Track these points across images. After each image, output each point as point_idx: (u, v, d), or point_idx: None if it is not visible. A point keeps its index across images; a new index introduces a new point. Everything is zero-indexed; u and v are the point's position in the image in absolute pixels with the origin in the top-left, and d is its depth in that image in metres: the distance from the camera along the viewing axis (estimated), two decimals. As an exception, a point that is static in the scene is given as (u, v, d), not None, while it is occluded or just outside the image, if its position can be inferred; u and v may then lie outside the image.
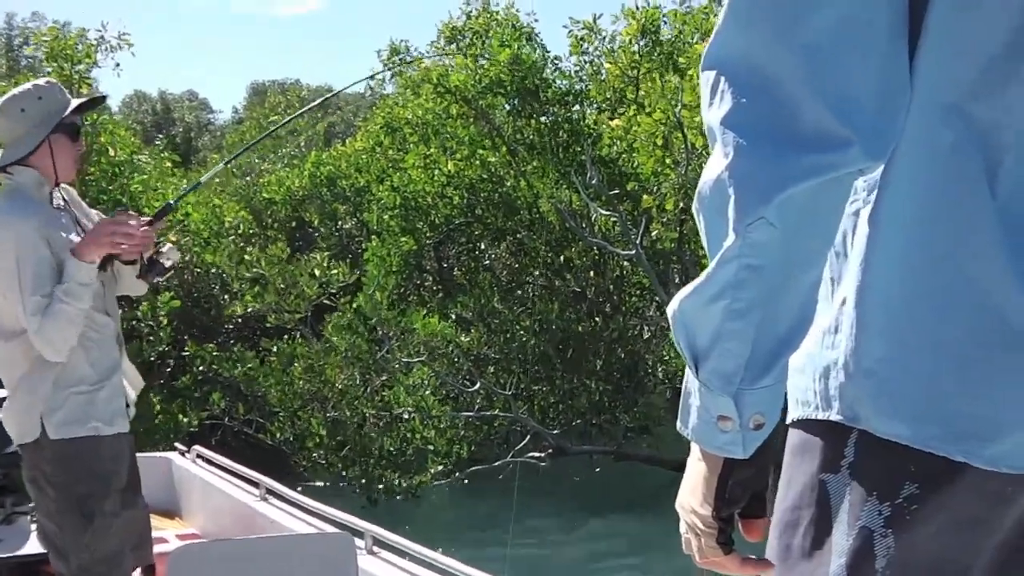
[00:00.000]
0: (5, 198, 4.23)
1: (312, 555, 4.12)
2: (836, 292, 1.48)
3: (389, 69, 21.28)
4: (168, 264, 4.38)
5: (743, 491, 1.57)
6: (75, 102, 4.34)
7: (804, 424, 1.53)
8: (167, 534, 6.34)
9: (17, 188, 4.23)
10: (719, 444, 1.50)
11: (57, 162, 4.27)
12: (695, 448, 1.56)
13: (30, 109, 4.23)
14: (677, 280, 18.83)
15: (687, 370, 1.50)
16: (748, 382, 1.43)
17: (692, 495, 1.59)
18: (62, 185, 4.37)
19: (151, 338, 17.66)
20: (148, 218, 4.37)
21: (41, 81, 4.38)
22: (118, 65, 19.22)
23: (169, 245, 4.39)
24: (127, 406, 4.37)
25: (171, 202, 4.62)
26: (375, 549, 5.09)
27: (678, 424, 1.54)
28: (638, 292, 20.04)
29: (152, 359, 17.85)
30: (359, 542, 4.98)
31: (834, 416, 1.47)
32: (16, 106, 4.23)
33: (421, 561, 4.77)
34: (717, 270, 1.38)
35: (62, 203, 4.34)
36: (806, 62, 1.34)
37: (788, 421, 1.57)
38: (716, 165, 1.37)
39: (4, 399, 4.30)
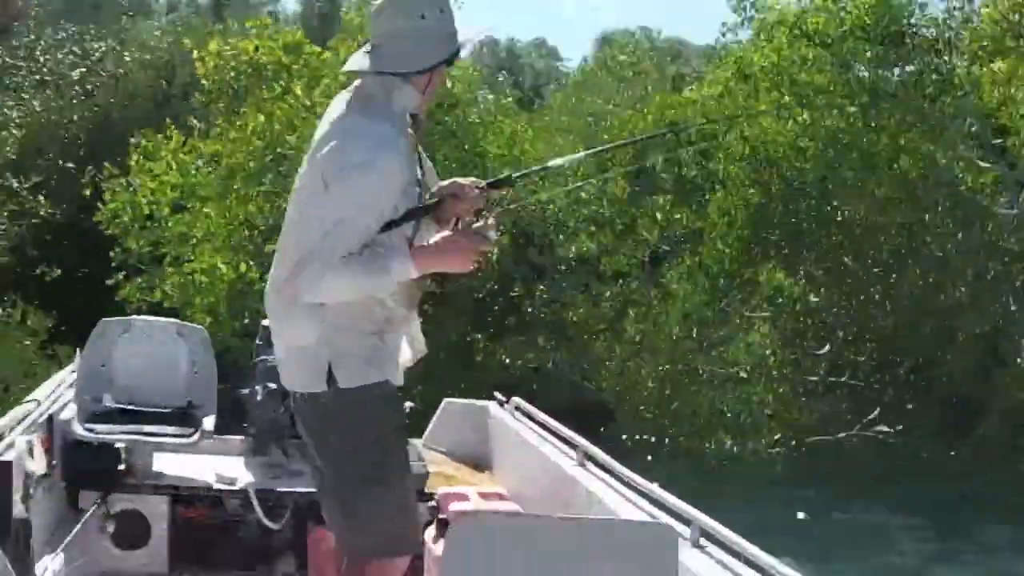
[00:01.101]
0: (377, 120, 3.64)
1: (622, 546, 3.30)
2: None
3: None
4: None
5: None
6: (474, 29, 3.88)
7: None
8: (469, 490, 6.10)
9: (392, 111, 3.67)
10: None
11: (428, 91, 3.75)
12: None
13: (431, 18, 3.70)
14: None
15: None
16: None
17: None
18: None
19: (479, 274, 17.52)
20: (483, 183, 3.88)
21: None
22: (459, -3, 19.24)
23: (492, 220, 3.81)
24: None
25: (514, 175, 4.13)
26: (702, 542, 4.50)
27: None
28: (1010, 258, 18.50)
29: (480, 296, 17.71)
30: (684, 530, 4.43)
31: None
32: (416, 8, 3.69)
33: (755, 564, 4.11)
34: None
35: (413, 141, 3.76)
36: None
37: None
38: None
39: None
